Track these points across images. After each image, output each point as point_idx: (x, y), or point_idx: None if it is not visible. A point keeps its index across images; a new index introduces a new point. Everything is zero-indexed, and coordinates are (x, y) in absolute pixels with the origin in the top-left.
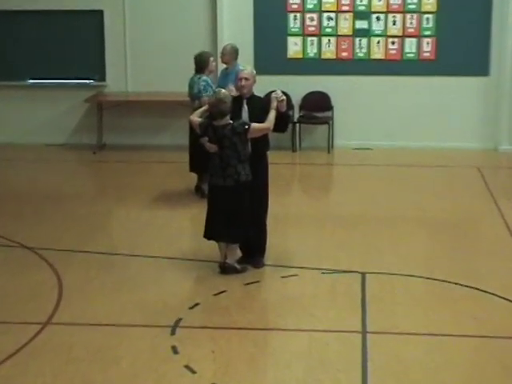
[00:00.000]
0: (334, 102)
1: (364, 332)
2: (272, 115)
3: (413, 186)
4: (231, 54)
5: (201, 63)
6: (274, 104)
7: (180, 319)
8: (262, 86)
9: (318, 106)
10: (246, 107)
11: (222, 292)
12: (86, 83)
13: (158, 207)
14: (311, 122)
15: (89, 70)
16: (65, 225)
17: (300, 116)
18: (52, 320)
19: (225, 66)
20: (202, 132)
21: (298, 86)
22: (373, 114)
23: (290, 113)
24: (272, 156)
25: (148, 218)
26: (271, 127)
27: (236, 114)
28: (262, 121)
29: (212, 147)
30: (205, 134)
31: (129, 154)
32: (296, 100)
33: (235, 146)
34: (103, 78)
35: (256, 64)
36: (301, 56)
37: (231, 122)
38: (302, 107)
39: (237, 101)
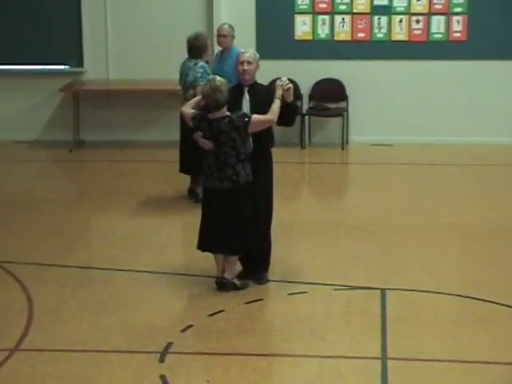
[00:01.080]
0: (348, 90)
1: (384, 358)
2: (276, 106)
3: (441, 188)
4: (231, 36)
5: (197, 47)
6: (279, 93)
7: (170, 344)
8: (265, 72)
9: (330, 95)
10: (247, 96)
11: (219, 312)
12: (59, 69)
13: (144, 214)
14: (322, 114)
15: (63, 54)
16: (36, 235)
17: (309, 107)
18: (21, 346)
19: (217, 50)
20: (195, 126)
21: (308, 73)
22: (394, 105)
23: (298, 103)
24: (277, 153)
25: (133, 227)
26: (275, 119)
27: (235, 104)
28: (265, 112)
29: (206, 143)
30: (198, 129)
31: (111, 153)
32: (305, 89)
33: (234, 141)
34: (80, 64)
35: (258, 47)
36: (310, 37)
37: (229, 114)
38: (311, 97)
39: (236, 89)
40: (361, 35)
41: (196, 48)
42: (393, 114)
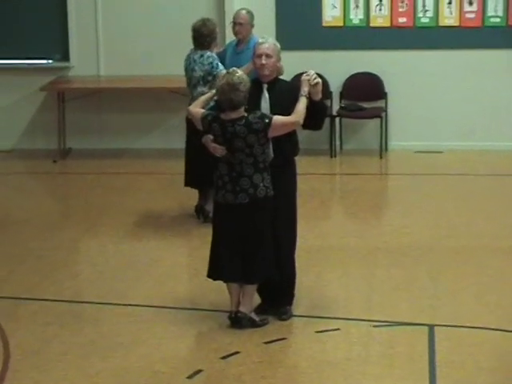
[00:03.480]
0: (387, 87)
1: None
2: (302, 105)
3: (502, 204)
4: (249, 24)
5: (205, 36)
6: (305, 89)
7: None
8: (287, 66)
9: (365, 93)
10: (266, 95)
11: (234, 354)
12: (41, 64)
13: (142, 237)
14: (356, 115)
15: (45, 46)
16: (11, 262)
17: (341, 107)
18: None
19: (231, 40)
20: (205, 128)
21: (338, 66)
22: (443, 104)
23: (327, 103)
24: (302, 163)
25: (128, 253)
26: (301, 121)
27: (253, 104)
28: (288, 114)
29: (218, 149)
30: (209, 131)
31: (102, 163)
32: (335, 85)
33: (251, 148)
34: (66, 57)
35: (278, 36)
36: (341, 24)
37: (245, 114)
38: (343, 95)
39: (254, 86)
40: (402, 20)
41: (204, 36)
42: (442, 114)
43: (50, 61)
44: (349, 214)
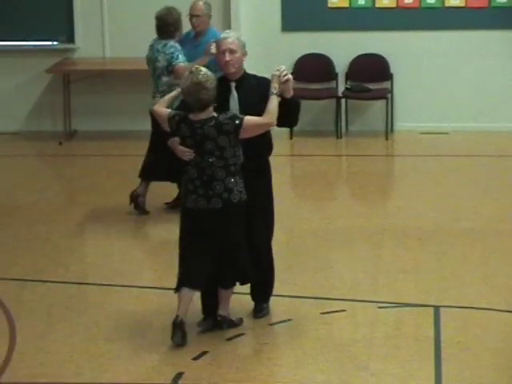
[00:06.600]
0: (393, 68)
1: None
2: (273, 104)
3: (508, 185)
4: (206, 15)
5: (169, 25)
6: (276, 86)
7: (180, 374)
8: (293, 47)
9: (371, 74)
10: (235, 94)
11: (239, 335)
12: (47, 46)
13: (149, 219)
14: (362, 96)
15: (51, 28)
16: (18, 245)
17: (346, 88)
18: (0, 380)
19: (188, 30)
20: (172, 129)
21: (344, 47)
22: (448, 85)
23: (332, 84)
24: (308, 145)
25: (135, 235)
26: (274, 122)
27: (221, 104)
28: (259, 112)
29: (186, 153)
30: (177, 133)
31: (107, 145)
32: (341, 66)
33: (222, 150)
34: (71, 39)
35: (284, 17)
36: (347, 4)
37: (215, 115)
38: (349, 76)
39: (221, 85)
40: (407, 1)
41: (168, 25)
42: (447, 95)
43: (56, 42)
44: (355, 195)
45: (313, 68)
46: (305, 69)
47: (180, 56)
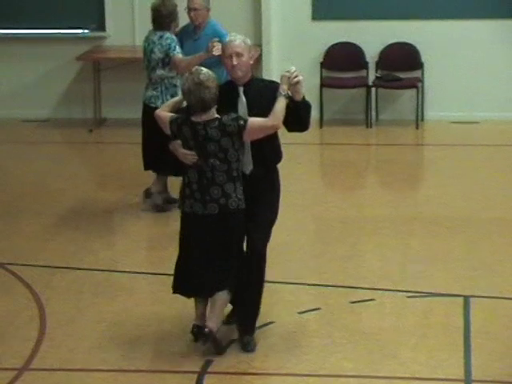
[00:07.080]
0: (424, 57)
1: (468, 381)
2: (280, 106)
3: None
4: (204, 9)
5: (164, 17)
6: (285, 87)
7: (209, 362)
8: (323, 37)
9: (401, 63)
10: (243, 99)
11: (268, 324)
12: (77, 34)
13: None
14: (392, 85)
15: (81, 16)
16: (47, 231)
17: (377, 77)
18: (31, 365)
19: (186, 23)
20: (173, 132)
21: (374, 36)
22: (480, 74)
23: (363, 73)
24: (338, 134)
25: (165, 223)
26: (279, 124)
27: (229, 109)
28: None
29: (189, 156)
30: (178, 135)
31: (137, 133)
32: (371, 55)
33: (225, 153)
34: (102, 27)
35: (314, 5)
36: None
37: (218, 116)
38: (379, 65)
39: (228, 90)
40: None
41: (163, 17)
42: (479, 84)
43: (86, 30)
44: (384, 184)
45: (343, 57)
46: (335, 58)
47: (177, 47)
